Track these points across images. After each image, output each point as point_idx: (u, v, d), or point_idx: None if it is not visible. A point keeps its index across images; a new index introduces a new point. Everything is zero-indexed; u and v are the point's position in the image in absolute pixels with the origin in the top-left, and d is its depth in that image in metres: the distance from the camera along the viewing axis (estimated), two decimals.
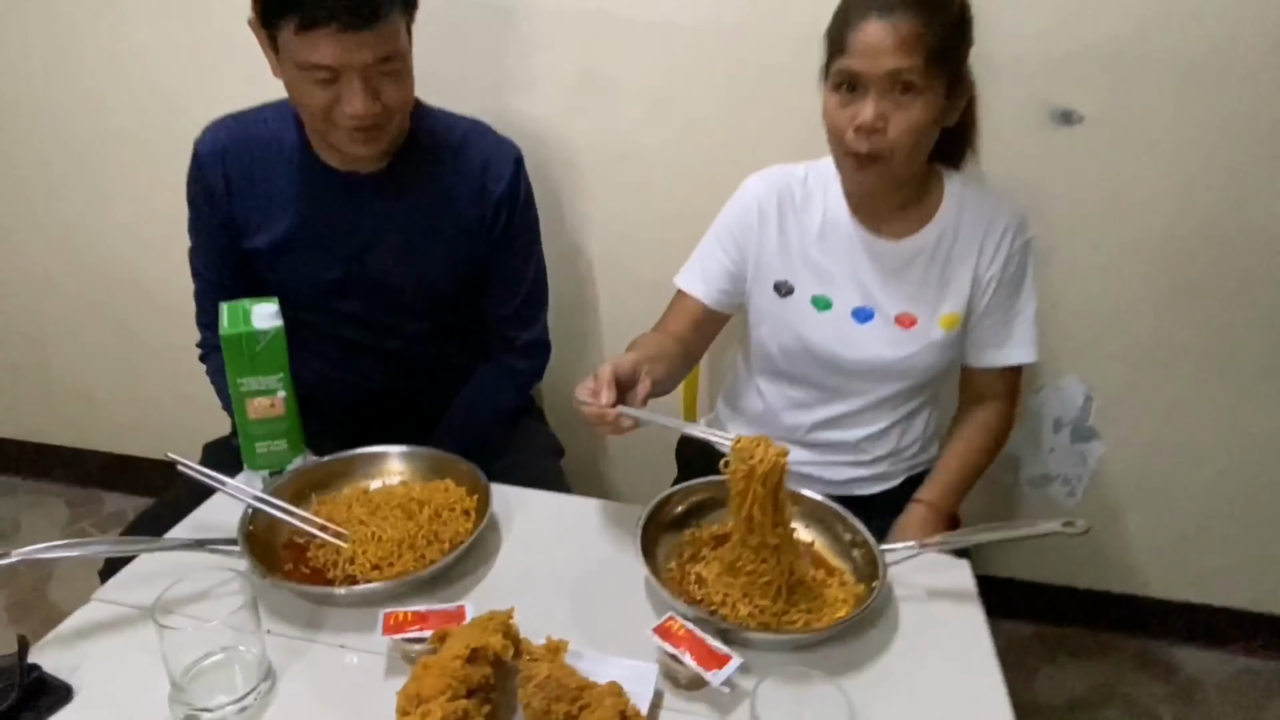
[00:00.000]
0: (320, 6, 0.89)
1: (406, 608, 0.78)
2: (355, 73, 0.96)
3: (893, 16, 0.93)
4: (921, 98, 0.95)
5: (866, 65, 0.94)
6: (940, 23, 0.94)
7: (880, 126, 0.96)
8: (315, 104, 0.98)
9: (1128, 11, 1.27)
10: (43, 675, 0.72)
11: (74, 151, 1.75)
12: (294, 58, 0.95)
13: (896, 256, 1.11)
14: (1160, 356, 1.50)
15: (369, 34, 0.93)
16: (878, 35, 0.93)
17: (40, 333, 1.98)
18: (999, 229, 1.09)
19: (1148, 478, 1.62)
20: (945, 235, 1.10)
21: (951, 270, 1.10)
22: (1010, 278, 1.10)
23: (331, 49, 0.92)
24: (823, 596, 0.84)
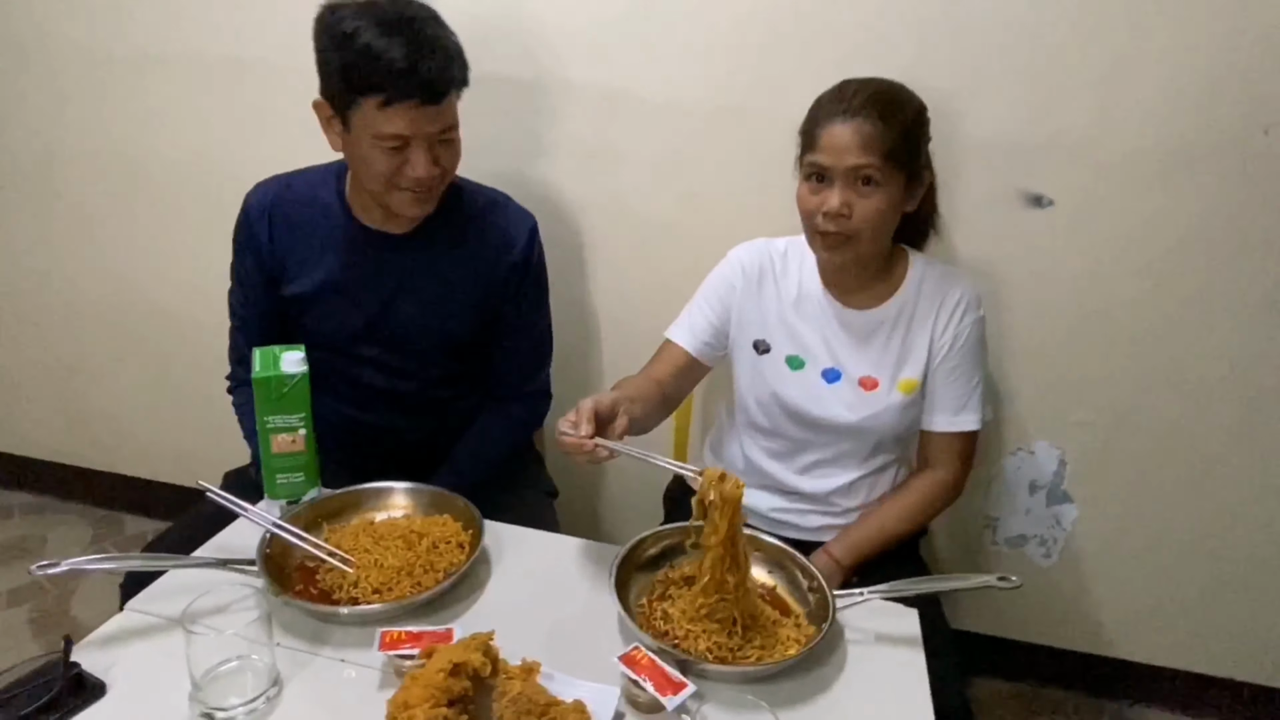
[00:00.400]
0: (402, 87, 1.06)
1: (401, 628, 0.88)
2: (422, 141, 1.11)
3: (855, 119, 1.08)
4: (881, 189, 1.09)
5: (832, 160, 1.09)
6: (897, 126, 1.08)
7: (845, 213, 1.09)
8: (382, 170, 1.12)
9: (1095, 103, 1.38)
10: (81, 673, 0.82)
11: (116, 201, 1.91)
12: (371, 130, 1.09)
13: (862, 325, 1.23)
14: (1131, 425, 1.58)
15: (436, 108, 1.10)
16: (842, 135, 1.08)
17: (77, 361, 2.12)
18: (952, 303, 1.21)
19: (1121, 541, 1.68)
20: (906, 307, 1.22)
21: (911, 339, 1.22)
22: (960, 349, 1.21)
23: (407, 122, 1.08)
24: (777, 635, 0.92)
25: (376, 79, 1.05)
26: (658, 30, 1.49)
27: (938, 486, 1.27)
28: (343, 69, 1.07)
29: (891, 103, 1.10)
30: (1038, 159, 1.44)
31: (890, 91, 1.11)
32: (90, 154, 1.88)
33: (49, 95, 1.85)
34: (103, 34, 1.76)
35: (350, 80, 1.07)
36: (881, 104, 1.08)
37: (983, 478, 1.69)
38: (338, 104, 1.11)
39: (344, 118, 1.11)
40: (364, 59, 1.05)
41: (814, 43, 1.43)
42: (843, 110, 1.08)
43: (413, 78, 1.05)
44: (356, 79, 1.06)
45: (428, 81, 1.06)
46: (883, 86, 1.12)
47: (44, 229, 1.99)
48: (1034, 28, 1.36)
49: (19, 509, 2.27)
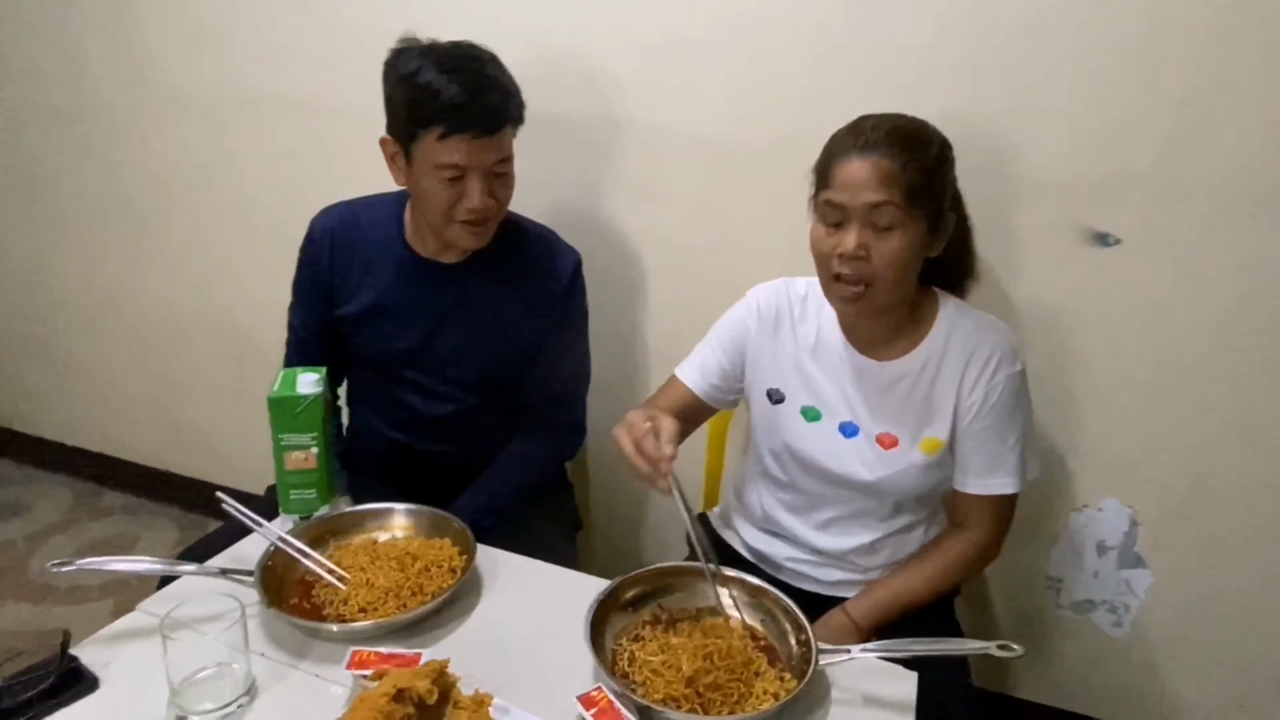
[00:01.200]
0: (460, 120, 1.12)
1: (375, 648, 0.89)
2: (478, 173, 1.17)
3: (873, 154, 1.00)
4: (901, 229, 1.01)
5: (848, 198, 1.01)
6: (918, 163, 1.00)
7: (863, 255, 1.01)
8: (441, 200, 1.18)
9: (1161, 135, 1.28)
10: (79, 666, 0.87)
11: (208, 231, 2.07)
12: (432, 160, 1.15)
13: (882, 377, 1.13)
14: (1210, 486, 1.43)
15: (492, 140, 1.16)
16: (859, 171, 1.00)
17: (172, 374, 2.30)
18: (983, 357, 1.10)
19: (1203, 614, 1.51)
20: (931, 360, 1.12)
21: (935, 395, 1.12)
22: (993, 407, 1.10)
23: (464, 152, 1.14)
24: (753, 687, 0.88)
25: (436, 112, 1.12)
26: (705, 69, 1.50)
27: (971, 548, 1.16)
28: (406, 104, 1.14)
29: (912, 136, 1.02)
30: (1102, 194, 1.34)
31: (911, 126, 1.04)
32: (194, 189, 2.05)
33: (159, 132, 2.03)
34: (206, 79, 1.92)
35: (413, 114, 1.14)
36: (902, 138, 1.01)
37: (1045, 534, 1.57)
38: (402, 139, 1.18)
39: (407, 152, 1.18)
40: (425, 94, 1.12)
41: (863, 77, 1.40)
42: (860, 145, 1.01)
43: (469, 111, 1.12)
44: (418, 113, 1.13)
45: (483, 115, 1.13)
46: (903, 121, 1.04)
47: (148, 253, 2.18)
48: (1098, 54, 1.27)
49: (120, 508, 2.46)
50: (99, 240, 2.24)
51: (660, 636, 0.95)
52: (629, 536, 1.89)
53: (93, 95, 2.06)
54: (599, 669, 0.87)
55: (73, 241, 2.28)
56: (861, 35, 1.38)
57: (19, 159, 2.25)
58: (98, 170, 2.15)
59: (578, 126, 1.62)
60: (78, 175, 2.18)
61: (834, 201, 1.03)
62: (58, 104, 2.12)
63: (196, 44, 1.90)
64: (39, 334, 2.47)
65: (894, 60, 1.38)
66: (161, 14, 1.91)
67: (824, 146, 1.09)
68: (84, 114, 2.10)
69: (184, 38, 1.91)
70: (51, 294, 2.38)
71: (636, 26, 1.51)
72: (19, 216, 2.33)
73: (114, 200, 2.17)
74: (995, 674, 1.70)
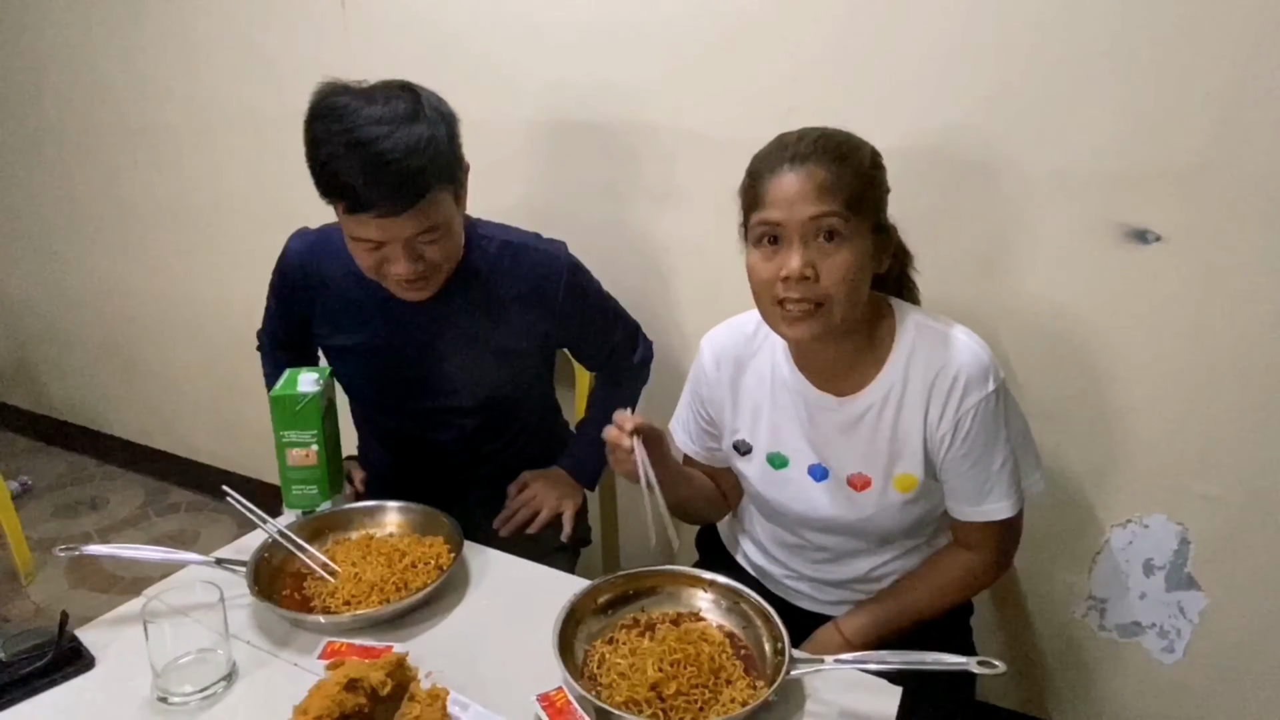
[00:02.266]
0: (361, 197, 1.02)
1: (352, 640, 0.91)
2: (399, 244, 1.07)
3: (805, 166, 0.92)
4: (848, 243, 0.92)
5: (786, 214, 0.92)
6: (852, 170, 0.92)
7: (809, 274, 0.91)
8: (366, 264, 1.11)
9: (1203, 128, 1.20)
10: (79, 646, 0.92)
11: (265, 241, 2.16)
12: (348, 231, 1.09)
13: (843, 415, 1.04)
14: (1270, 503, 1.32)
15: (408, 214, 1.04)
16: (794, 184, 0.91)
17: (234, 379, 2.41)
18: (946, 384, 0.98)
19: (1264, 642, 1.40)
20: (893, 390, 1.01)
21: (901, 430, 1.02)
22: (968, 436, 0.99)
23: (374, 229, 1.05)
24: (719, 694, 0.85)
25: (336, 191, 1.05)
26: (720, 69, 1.48)
27: (973, 568, 1.09)
28: (312, 173, 1.07)
29: (843, 144, 0.94)
30: (1141, 189, 1.26)
31: (839, 135, 0.96)
32: (245, 199, 2.16)
33: (222, 149, 2.15)
34: (258, 96, 2.03)
35: (319, 184, 1.07)
36: (833, 146, 0.93)
37: (1084, 550, 1.48)
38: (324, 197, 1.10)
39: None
40: (324, 171, 1.04)
41: (889, 74, 1.36)
42: (789, 157, 0.92)
43: (369, 193, 1.02)
44: (322, 185, 1.06)
45: (385, 197, 1.02)
46: (829, 130, 0.96)
47: (209, 261, 2.31)
48: (1135, 44, 1.20)
49: (186, 506, 2.60)
50: (165, 250, 2.39)
51: (633, 640, 0.93)
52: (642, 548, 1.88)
53: (159, 113, 2.21)
54: (560, 668, 0.86)
55: (142, 252, 2.44)
56: (886, 30, 1.34)
57: (97, 175, 2.42)
58: (164, 184, 2.29)
59: (599, 131, 1.63)
60: (147, 189, 2.33)
61: (769, 220, 0.93)
62: (128, 122, 2.27)
63: (248, 64, 2.01)
64: (114, 340, 2.64)
65: (921, 54, 1.33)
66: (219, 38, 2.03)
67: (746, 169, 0.99)
68: (151, 130, 2.24)
69: (237, 58, 2.02)
70: (123, 302, 2.55)
71: (656, 30, 1.51)
72: (97, 229, 2.50)
73: (178, 211, 2.30)
74: (1034, 698, 1.60)
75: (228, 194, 2.20)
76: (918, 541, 1.13)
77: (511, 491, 1.37)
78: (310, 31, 1.88)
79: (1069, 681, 1.56)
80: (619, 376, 1.48)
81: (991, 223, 1.36)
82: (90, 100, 2.32)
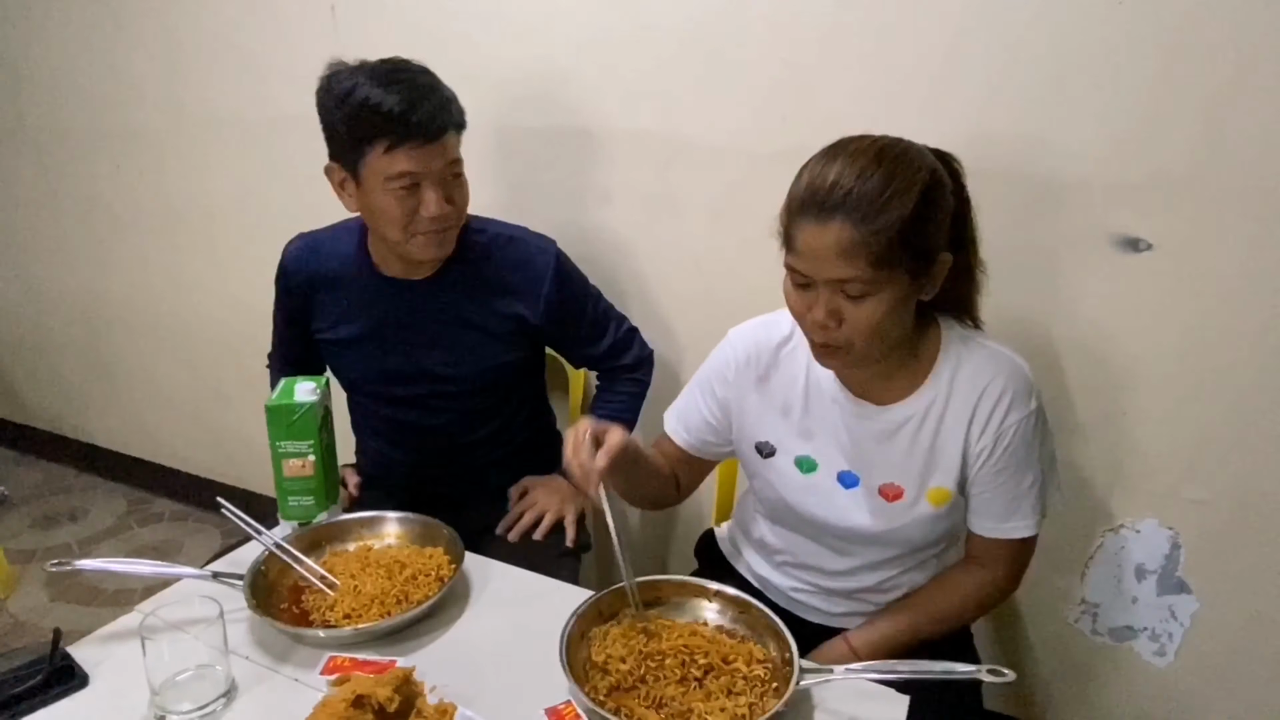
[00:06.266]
0: (404, 129, 1.12)
1: (354, 655, 0.90)
2: (431, 180, 1.16)
3: (832, 223, 0.85)
4: (874, 297, 0.88)
5: (810, 269, 0.89)
6: (885, 227, 0.84)
7: (832, 325, 0.90)
8: (398, 214, 1.17)
9: (1196, 138, 1.21)
10: (71, 664, 0.90)
11: (251, 247, 2.14)
12: (383, 174, 1.14)
13: (881, 424, 1.02)
14: (1260, 507, 1.34)
15: (437, 146, 1.15)
16: (818, 241, 0.87)
17: (219, 387, 2.38)
18: (992, 399, 0.98)
19: (1256, 644, 1.41)
20: (936, 403, 1.00)
21: (940, 442, 1.01)
22: (1005, 452, 0.99)
23: (413, 159, 1.14)
24: (728, 705, 0.85)
25: (378, 126, 1.12)
26: (714, 75, 1.49)
27: (986, 586, 1.08)
28: (346, 124, 1.14)
29: (885, 191, 0.85)
30: (1132, 198, 1.27)
31: (887, 176, 0.86)
32: (234, 204, 2.14)
33: (205, 152, 2.13)
34: (242, 101, 2.00)
35: (355, 133, 1.13)
36: (874, 201, 0.84)
37: (1077, 556, 1.49)
38: (347, 162, 1.17)
39: (355, 174, 1.18)
40: (364, 110, 1.12)
41: (882, 82, 1.36)
42: (819, 207, 0.86)
43: (410, 119, 1.11)
44: (360, 130, 1.13)
45: (424, 121, 1.12)
46: (875, 172, 0.86)
47: (193, 268, 2.28)
48: (1122, 52, 1.21)
49: (169, 515, 2.56)
50: (148, 256, 2.35)
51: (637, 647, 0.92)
52: (642, 556, 1.87)
53: (140, 117, 2.17)
54: (569, 682, 0.85)
55: (125, 257, 2.40)
56: (880, 40, 1.35)
57: (77, 179, 2.38)
58: (147, 188, 2.25)
59: (593, 138, 1.63)
60: (129, 194, 2.29)
61: (796, 269, 0.91)
62: (108, 127, 2.24)
63: (233, 68, 1.99)
64: (94, 347, 2.60)
65: (914, 65, 1.34)
66: (201, 41, 2.00)
67: (789, 190, 0.93)
68: (133, 134, 2.21)
69: (221, 62, 2.00)
70: (107, 308, 2.51)
71: (649, 36, 1.51)
72: (77, 234, 2.46)
73: (162, 216, 2.27)
74: (1028, 702, 1.61)
75: (214, 199, 2.17)
76: (932, 554, 1.12)
77: (513, 496, 1.39)
78: (299, 36, 1.87)
79: (1062, 686, 1.57)
80: (615, 377, 1.49)
81: (982, 231, 1.37)
82: (69, 103, 2.28)
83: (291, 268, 1.35)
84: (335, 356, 1.37)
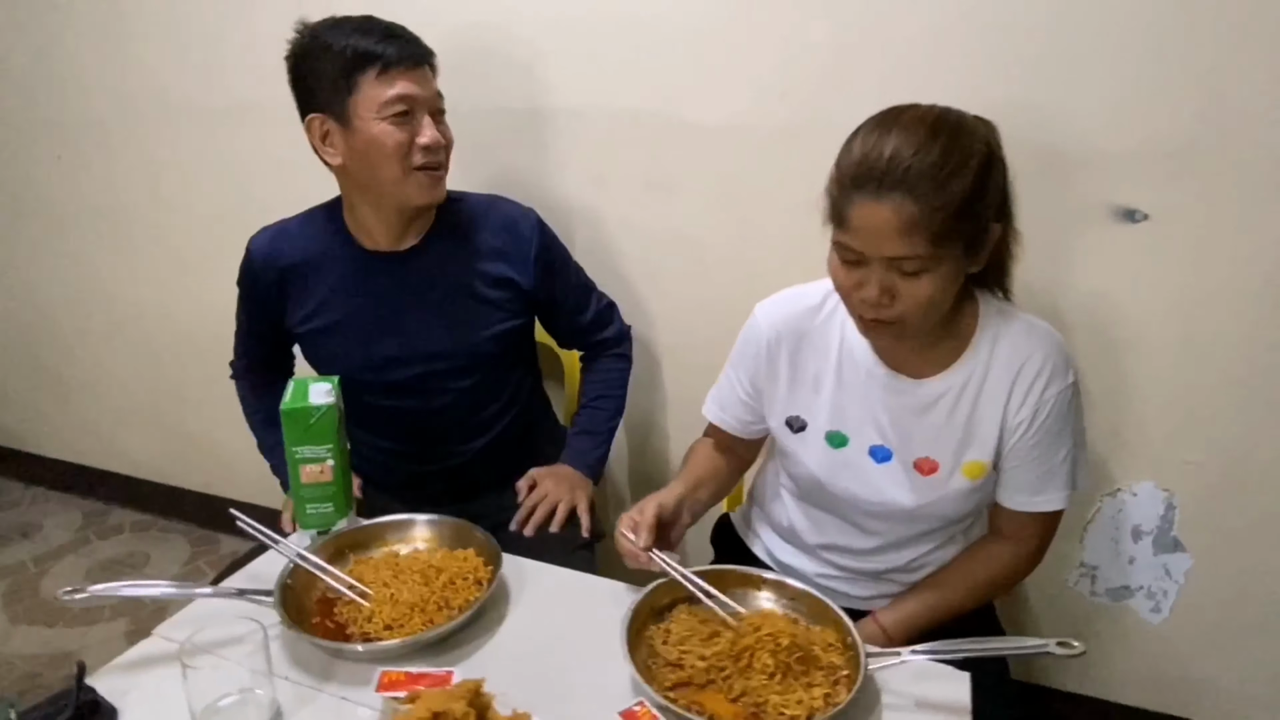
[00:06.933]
0: (394, 52, 1.16)
1: (405, 668, 0.86)
2: (424, 106, 1.19)
3: (890, 198, 0.83)
4: (930, 273, 0.87)
5: (866, 246, 0.87)
6: (945, 202, 0.83)
7: (886, 302, 0.89)
8: (394, 144, 1.17)
9: (1187, 109, 1.24)
10: (96, 698, 0.83)
11: (209, 241, 2.03)
12: (378, 100, 1.15)
13: (918, 397, 1.02)
14: (1250, 467, 1.39)
15: (425, 71, 1.21)
16: (875, 217, 0.84)
17: (179, 388, 2.26)
18: (1032, 371, 0.98)
19: (1245, 598, 1.48)
20: (974, 376, 1.00)
21: (978, 415, 1.00)
22: (1041, 425, 0.99)
23: (407, 81, 1.17)
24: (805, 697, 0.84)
25: (370, 55, 1.14)
26: (709, 55, 1.46)
27: (1013, 562, 1.09)
28: (334, 61, 1.15)
29: (945, 163, 0.83)
30: (1128, 170, 1.30)
31: (940, 150, 0.84)
32: (192, 197, 2.02)
33: (158, 143, 1.99)
34: (196, 88, 1.88)
35: (344, 67, 1.14)
36: (935, 175, 0.83)
37: (1077, 520, 1.53)
38: (333, 105, 1.16)
39: (342, 116, 1.17)
40: (352, 48, 1.15)
41: (879, 57, 1.36)
42: (876, 183, 0.83)
43: (398, 46, 1.16)
44: (350, 64, 1.14)
45: (408, 47, 1.18)
46: (930, 144, 0.84)
47: (149, 263, 2.15)
48: (1120, 22, 1.23)
49: (129, 526, 2.43)
50: (96, 254, 2.21)
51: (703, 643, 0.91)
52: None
53: (85, 106, 2.03)
54: (638, 681, 0.83)
55: (71, 255, 2.25)
56: (876, 14, 1.34)
57: (12, 173, 2.21)
58: (93, 182, 2.11)
59: (583, 118, 1.58)
60: (73, 187, 2.15)
61: (849, 246, 0.88)
62: (48, 115, 2.09)
63: (186, 53, 1.87)
64: (42, 351, 2.43)
65: (910, 38, 1.33)
66: (151, 24, 1.88)
67: (837, 163, 0.90)
68: (78, 125, 2.06)
69: (173, 47, 1.87)
70: (51, 311, 2.35)
71: (643, 13, 1.47)
72: (14, 231, 2.29)
73: (110, 211, 2.13)
74: (1026, 663, 1.66)
75: (167, 192, 2.04)
76: (959, 530, 1.13)
77: (521, 488, 1.35)
78: (259, 18, 1.76)
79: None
80: (599, 354, 1.50)
81: None
82: (6, 94, 2.12)
83: (260, 260, 1.29)
84: (318, 348, 1.31)
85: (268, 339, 1.37)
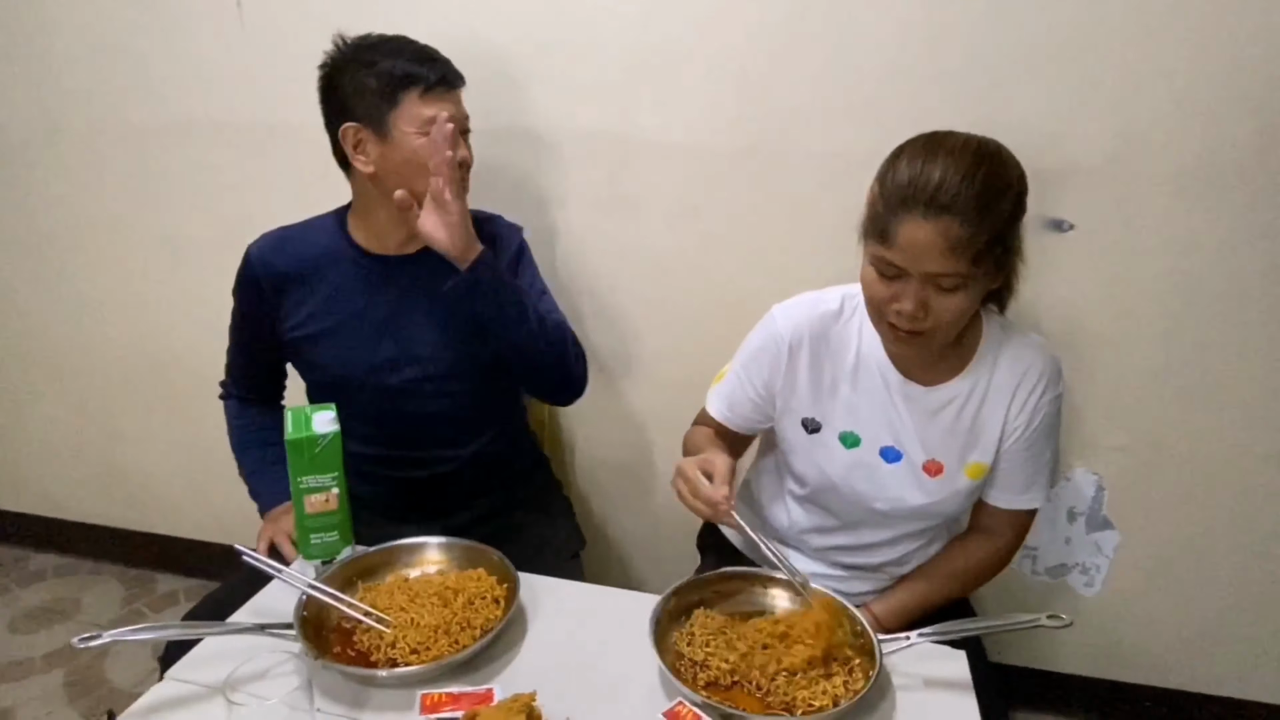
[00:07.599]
0: (433, 79, 1.21)
1: (441, 689, 0.87)
2: (459, 125, 1.23)
3: (942, 218, 0.88)
4: (965, 289, 0.94)
5: (909, 263, 0.92)
6: (991, 223, 0.90)
7: (920, 315, 0.95)
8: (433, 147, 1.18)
9: (1112, 127, 1.37)
10: None
11: (150, 269, 1.94)
12: (419, 118, 1.19)
13: (928, 402, 1.10)
14: (1169, 450, 1.55)
15: (459, 94, 1.27)
16: (924, 236, 0.89)
17: (110, 421, 2.14)
18: (1032, 380, 1.07)
19: (1167, 568, 1.64)
20: (979, 384, 1.09)
21: (982, 420, 1.09)
22: (1035, 429, 1.09)
23: (448, 103, 1.23)
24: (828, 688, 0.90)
25: (415, 76, 1.19)
26: (669, 74, 1.51)
27: (995, 554, 1.18)
28: (379, 78, 1.19)
29: (990, 189, 0.90)
30: (1056, 183, 1.43)
31: (990, 177, 0.90)
32: (123, 222, 1.92)
33: (85, 165, 1.90)
34: (127, 106, 1.81)
35: (389, 83, 1.18)
36: (979, 201, 0.89)
37: None
38: (374, 116, 1.19)
39: (380, 128, 1.20)
40: (401, 68, 1.19)
41: (829, 77, 1.44)
42: (927, 204, 0.88)
43: (438, 70, 1.22)
44: (396, 80, 1.19)
45: (447, 71, 1.24)
46: (978, 172, 0.90)
47: (80, 294, 2.03)
48: (1046, 49, 1.35)
49: (52, 570, 2.28)
50: (21, 283, 2.07)
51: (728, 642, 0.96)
52: (635, 553, 1.90)
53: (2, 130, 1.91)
54: (673, 681, 0.87)
55: None
56: (834, 37, 1.42)
57: None
58: (8, 206, 1.99)
59: (545, 137, 1.61)
60: None
61: (892, 262, 0.94)
62: None
63: (113, 70, 1.78)
64: None
65: (857, 66, 1.42)
66: (73, 39, 1.78)
67: (883, 177, 0.96)
68: None
69: (100, 64, 1.79)
70: None
71: (602, 32, 1.51)
72: None
73: (28, 239, 2.01)
74: (975, 641, 1.78)
75: (95, 215, 1.93)
76: (944, 524, 1.22)
77: None
78: (198, 35, 1.70)
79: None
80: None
81: None
82: None
83: (260, 265, 1.28)
84: (315, 354, 1.29)
85: (263, 351, 1.35)
